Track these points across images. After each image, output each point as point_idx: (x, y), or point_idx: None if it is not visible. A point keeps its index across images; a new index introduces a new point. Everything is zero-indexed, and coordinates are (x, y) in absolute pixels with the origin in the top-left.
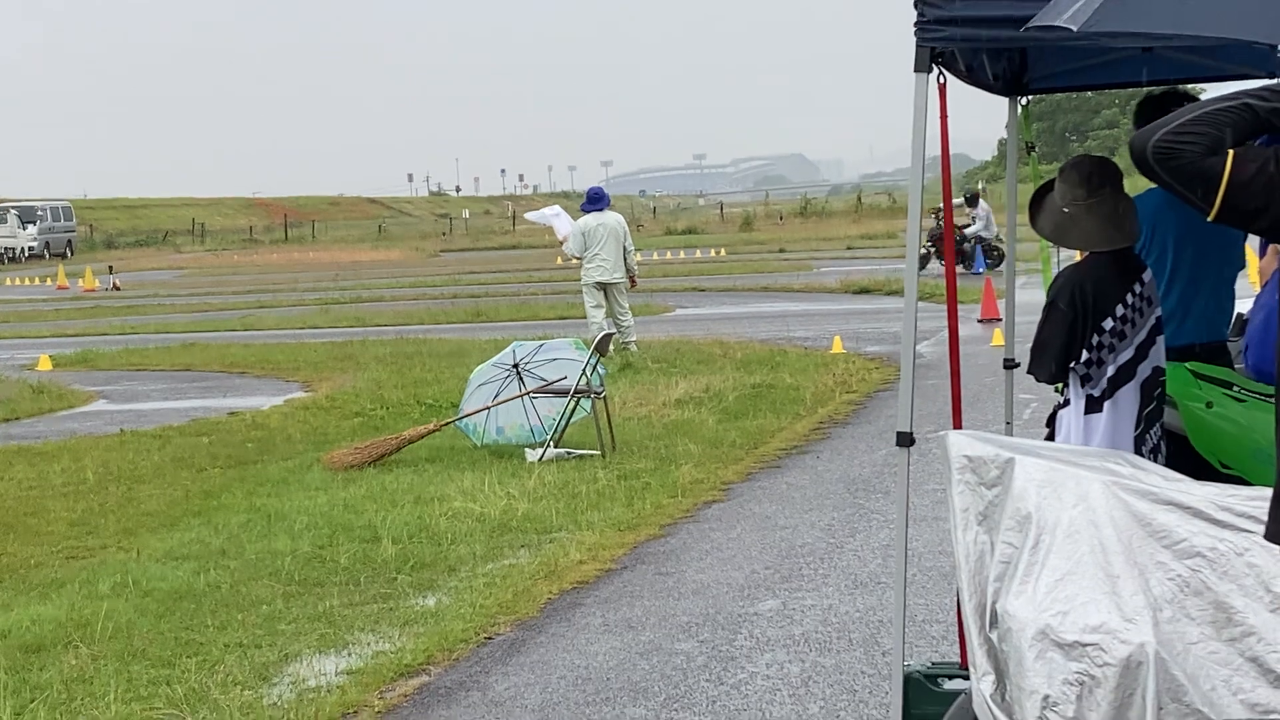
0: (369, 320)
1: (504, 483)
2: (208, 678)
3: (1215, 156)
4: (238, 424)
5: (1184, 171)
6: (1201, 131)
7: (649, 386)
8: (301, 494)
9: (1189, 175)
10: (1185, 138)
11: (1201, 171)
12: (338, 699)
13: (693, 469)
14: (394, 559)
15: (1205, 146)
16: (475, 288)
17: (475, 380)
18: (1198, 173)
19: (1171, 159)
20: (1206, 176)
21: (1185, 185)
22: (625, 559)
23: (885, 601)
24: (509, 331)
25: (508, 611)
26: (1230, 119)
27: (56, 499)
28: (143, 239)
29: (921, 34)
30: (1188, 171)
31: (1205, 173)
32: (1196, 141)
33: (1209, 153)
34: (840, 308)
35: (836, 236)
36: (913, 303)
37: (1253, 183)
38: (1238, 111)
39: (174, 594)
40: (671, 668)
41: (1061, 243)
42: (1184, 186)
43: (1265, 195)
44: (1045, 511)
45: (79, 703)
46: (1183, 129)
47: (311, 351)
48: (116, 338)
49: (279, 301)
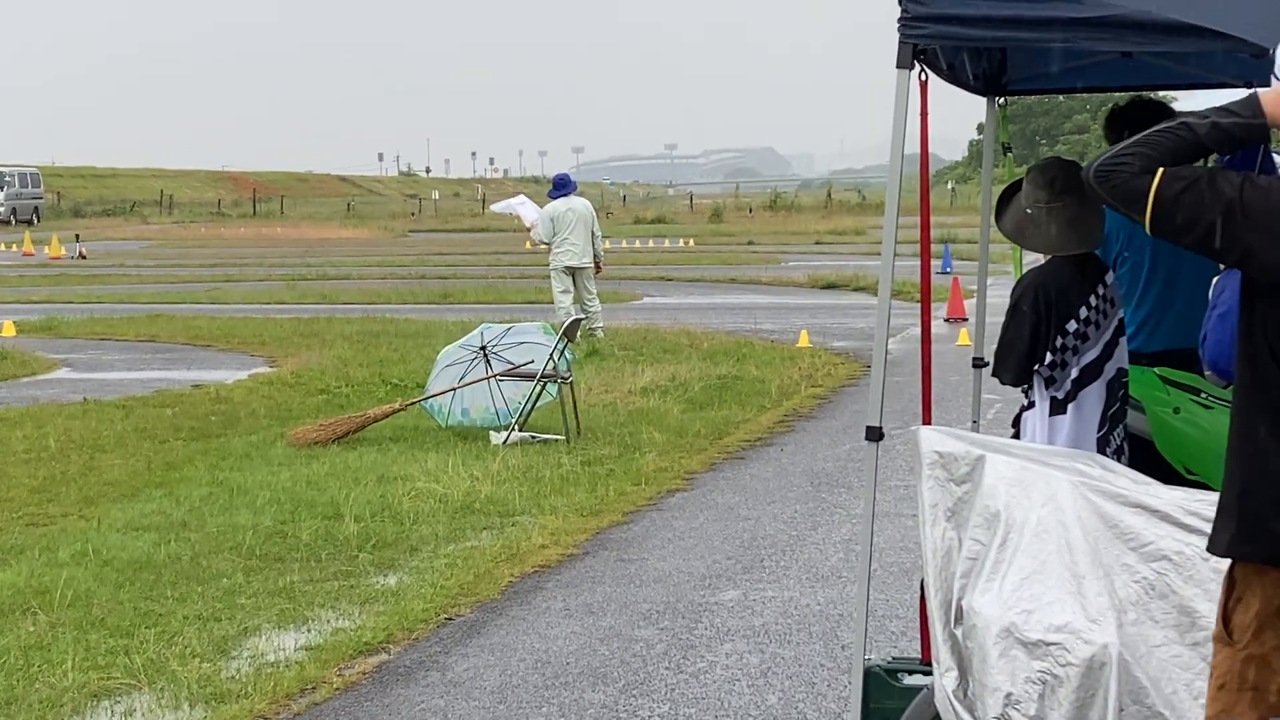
0: (336, 298)
1: (468, 464)
2: (166, 649)
3: (1148, 175)
4: (201, 397)
5: (1120, 191)
6: (1137, 154)
7: (615, 374)
8: (264, 469)
9: (1124, 194)
10: (1122, 160)
11: (1134, 190)
12: (296, 674)
13: (657, 457)
14: (356, 537)
15: (1140, 167)
16: (443, 269)
17: (442, 361)
18: (1131, 191)
19: (1109, 180)
20: (1138, 194)
21: (1125, 204)
22: (587, 544)
23: (846, 595)
24: (476, 314)
25: (468, 593)
26: (1169, 141)
27: (18, 465)
28: (110, 209)
29: (904, 30)
30: (1123, 191)
31: (1136, 191)
32: (1131, 163)
33: (1144, 172)
34: (807, 302)
35: (805, 231)
36: (886, 298)
37: (1179, 199)
38: (1176, 133)
39: (134, 564)
40: (631, 654)
41: (1021, 244)
42: (1124, 205)
43: (1192, 211)
44: (1014, 510)
45: (36, 669)
46: (1121, 152)
47: (277, 327)
48: (81, 306)
49: (246, 276)
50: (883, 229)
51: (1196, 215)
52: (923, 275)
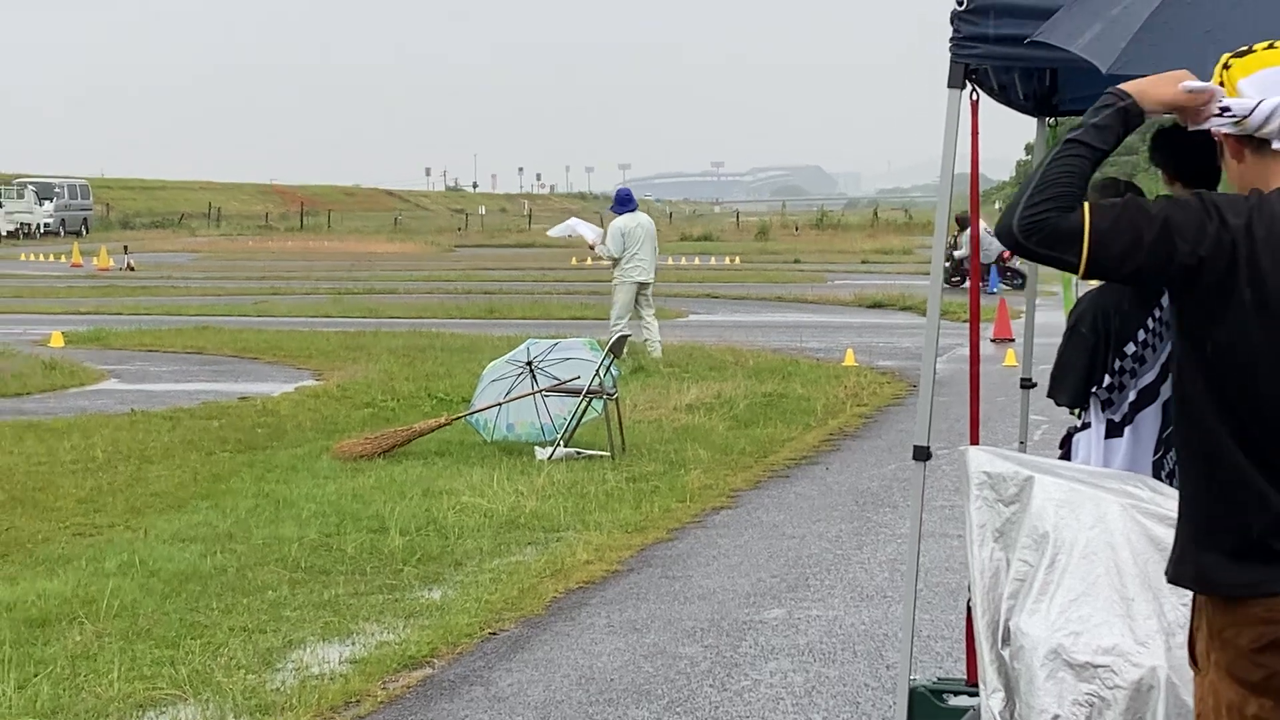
0: (382, 312)
1: (513, 479)
2: (211, 660)
3: (1073, 213)
4: (248, 409)
5: (1050, 238)
6: (1051, 196)
7: (660, 390)
8: (310, 481)
9: (1056, 239)
10: (1040, 207)
11: (1066, 231)
12: (340, 687)
13: (702, 474)
14: (401, 550)
15: (1062, 206)
16: (489, 284)
17: (488, 376)
18: (1063, 234)
19: (1037, 231)
20: (1071, 233)
21: (1058, 250)
22: (632, 561)
23: (891, 615)
24: (522, 329)
25: (513, 608)
26: (1072, 167)
27: (66, 476)
28: (158, 220)
29: (956, 50)
30: (1053, 237)
31: (1069, 231)
32: (1051, 204)
33: (1068, 210)
34: (853, 321)
35: (851, 250)
36: (935, 317)
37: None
38: (1071, 156)
39: (180, 575)
40: (675, 671)
41: None
42: (1057, 251)
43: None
44: (1063, 531)
45: (82, 679)
46: (1033, 200)
47: (324, 340)
48: (129, 317)
49: (292, 289)
50: (931, 248)
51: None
52: (971, 295)
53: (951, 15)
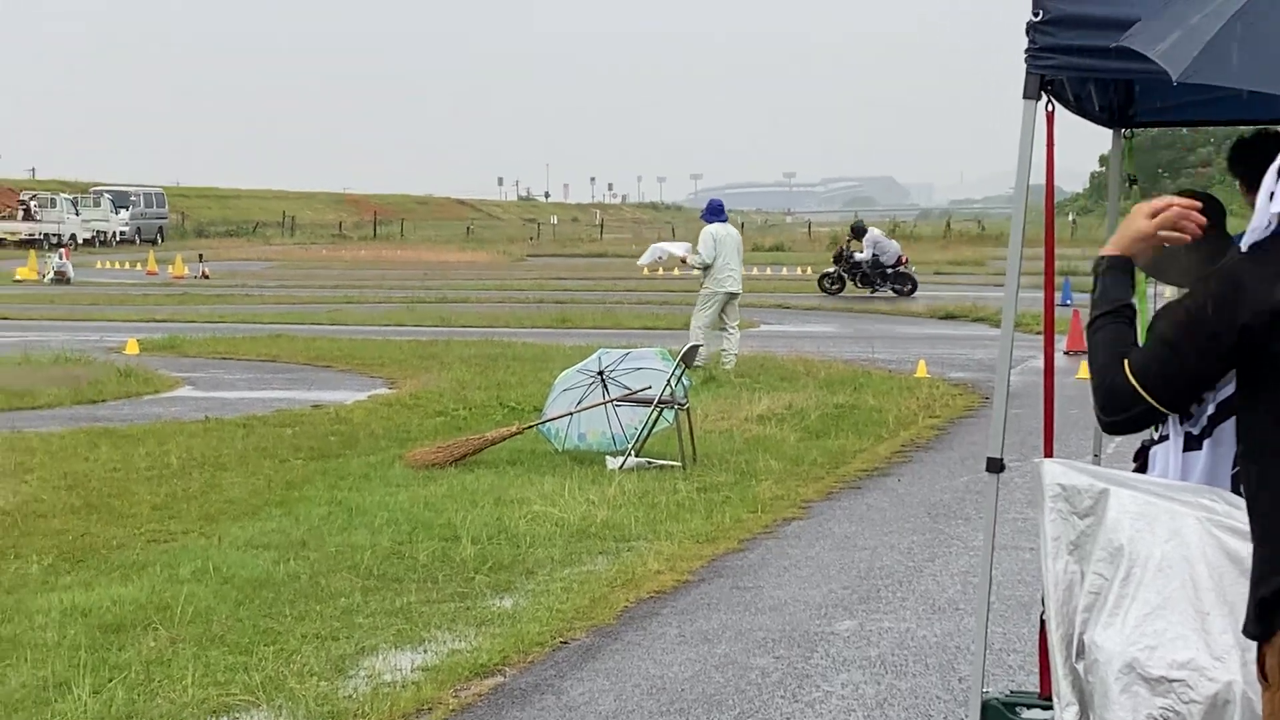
0: (454, 320)
1: (584, 489)
2: (284, 666)
3: (1118, 376)
4: (321, 417)
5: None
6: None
7: (731, 400)
8: (382, 489)
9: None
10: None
11: (1124, 394)
12: (413, 695)
13: (773, 485)
14: (472, 559)
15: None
16: (561, 293)
17: (560, 385)
18: (1124, 397)
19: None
20: (1130, 393)
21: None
22: (703, 571)
23: (963, 628)
24: (593, 338)
25: (584, 617)
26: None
27: (140, 482)
28: (233, 229)
29: (1031, 61)
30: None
31: (1126, 392)
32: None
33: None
34: (926, 332)
35: (924, 261)
36: (1009, 329)
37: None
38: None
39: (253, 582)
40: (746, 682)
41: (1160, 278)
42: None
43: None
44: (1138, 544)
45: (157, 684)
46: (1093, 385)
47: (396, 349)
48: (204, 325)
49: (365, 297)
50: (1005, 259)
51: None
52: (1046, 307)
53: (1027, 26)
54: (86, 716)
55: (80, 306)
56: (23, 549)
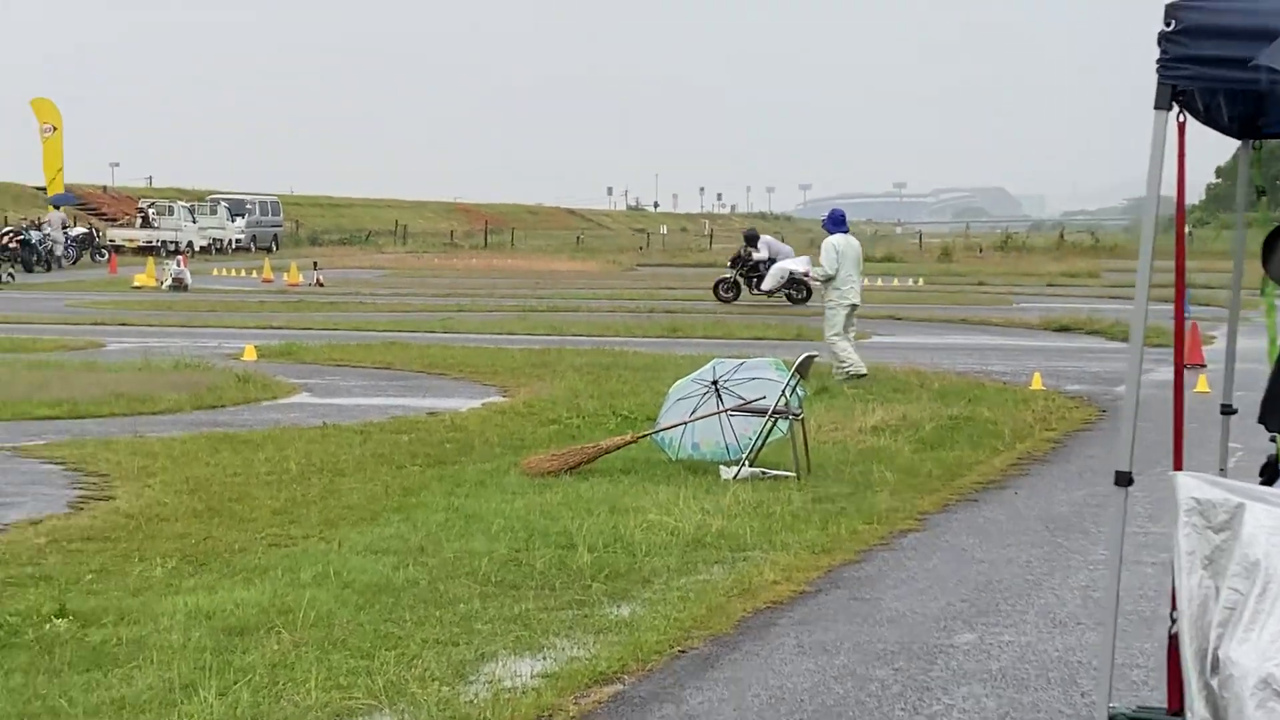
0: (565, 329)
1: (699, 498)
2: (406, 671)
3: None
4: (436, 424)
5: None
6: None
7: (845, 411)
8: (499, 497)
9: None
10: None
11: None
12: (533, 701)
13: (888, 496)
14: (589, 566)
15: None
16: (671, 303)
17: (674, 394)
18: None
19: None
20: None
21: None
22: (820, 582)
23: (1085, 642)
24: (704, 348)
25: (702, 626)
26: None
27: (261, 487)
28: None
29: (1164, 71)
30: None
31: None
32: None
33: None
34: (1040, 344)
35: (1037, 273)
36: (1139, 341)
37: None
38: None
39: (373, 587)
40: (866, 694)
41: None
42: None
43: None
44: (1274, 559)
45: (280, 687)
46: None
47: (509, 357)
48: (319, 332)
49: (478, 306)
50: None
51: None
52: (1177, 321)
53: (1159, 36)
54: (212, 718)
55: (198, 313)
56: (147, 552)
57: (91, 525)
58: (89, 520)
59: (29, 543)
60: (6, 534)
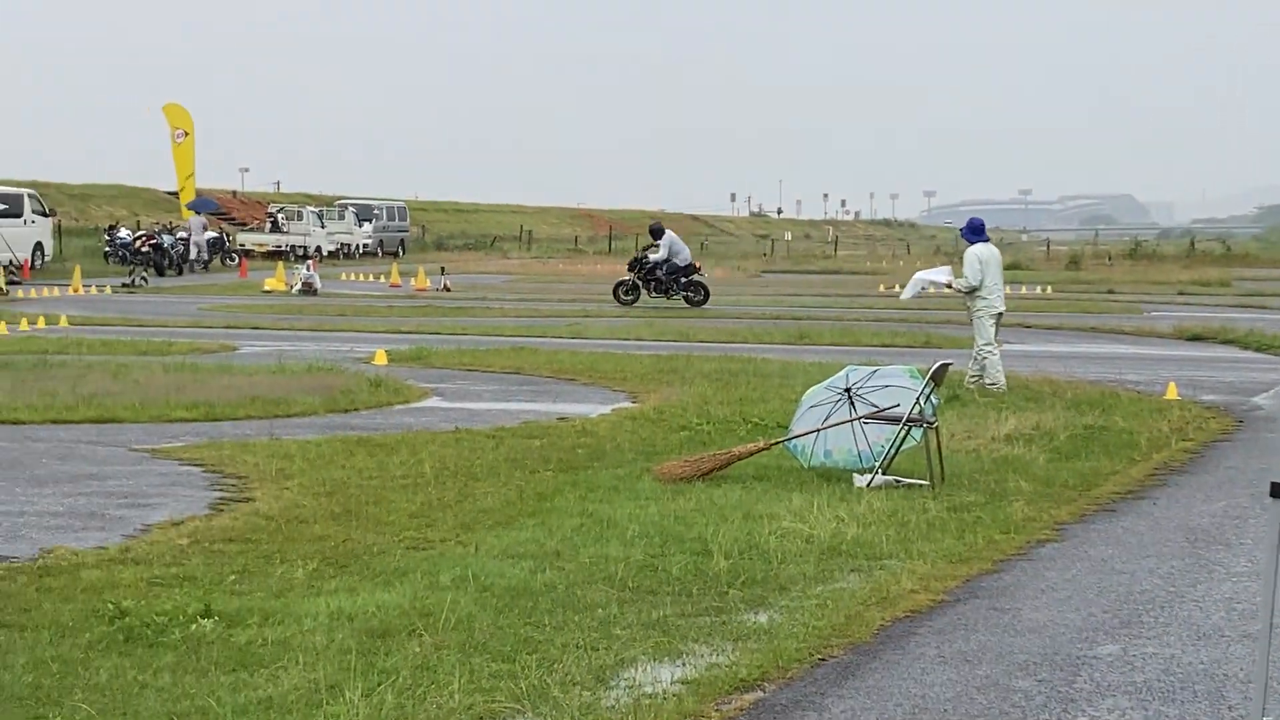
0: (692, 335)
1: (833, 505)
2: (547, 675)
3: None
4: (567, 429)
5: None
6: None
7: (977, 420)
8: (632, 502)
9: None
10: None
11: None
12: (675, 707)
13: (1024, 506)
14: (725, 573)
15: None
16: (797, 309)
17: (806, 402)
18: None
19: None
20: None
21: None
22: (958, 591)
23: (1231, 655)
24: (832, 355)
25: (841, 634)
26: None
27: (396, 490)
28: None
29: None
30: None
31: None
32: None
33: None
34: (1173, 353)
35: (1167, 281)
36: None
37: None
38: None
39: (511, 591)
40: (1009, 704)
41: None
42: None
43: None
44: None
45: (424, 690)
46: None
47: (637, 363)
48: (447, 337)
49: (604, 311)
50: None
51: None
52: None
53: None
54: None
55: (327, 317)
56: (287, 554)
57: (232, 526)
58: (229, 521)
59: (172, 543)
60: (149, 535)
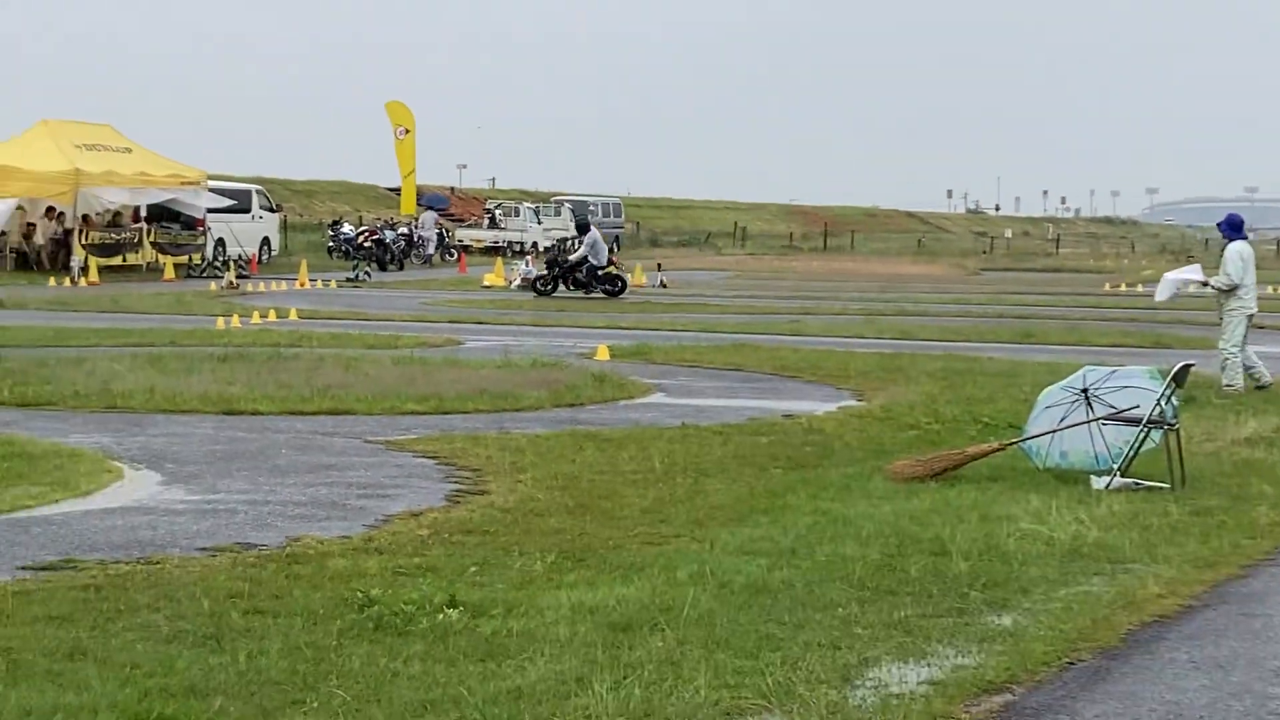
0: (915, 334)
1: (1071, 508)
2: (791, 673)
3: None
4: (794, 427)
5: None
6: None
7: (1216, 421)
8: (864, 501)
9: None
10: None
11: None
12: (923, 708)
13: (1269, 510)
14: (965, 574)
15: None
16: (1020, 308)
17: (1043, 402)
18: None
19: None
20: None
21: None
22: (1206, 596)
23: None
24: (1059, 355)
25: (1088, 638)
26: None
27: (628, 485)
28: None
29: None
30: None
31: None
32: None
33: None
34: None
35: None
36: None
37: None
38: None
39: (749, 588)
40: (1267, 711)
41: None
42: None
43: None
44: None
45: (670, 684)
46: None
47: (860, 361)
48: (668, 333)
49: (822, 309)
50: None
51: None
52: None
53: None
54: (607, 712)
55: (548, 312)
56: (525, 546)
57: (470, 518)
58: (467, 513)
59: (412, 534)
60: (390, 525)
